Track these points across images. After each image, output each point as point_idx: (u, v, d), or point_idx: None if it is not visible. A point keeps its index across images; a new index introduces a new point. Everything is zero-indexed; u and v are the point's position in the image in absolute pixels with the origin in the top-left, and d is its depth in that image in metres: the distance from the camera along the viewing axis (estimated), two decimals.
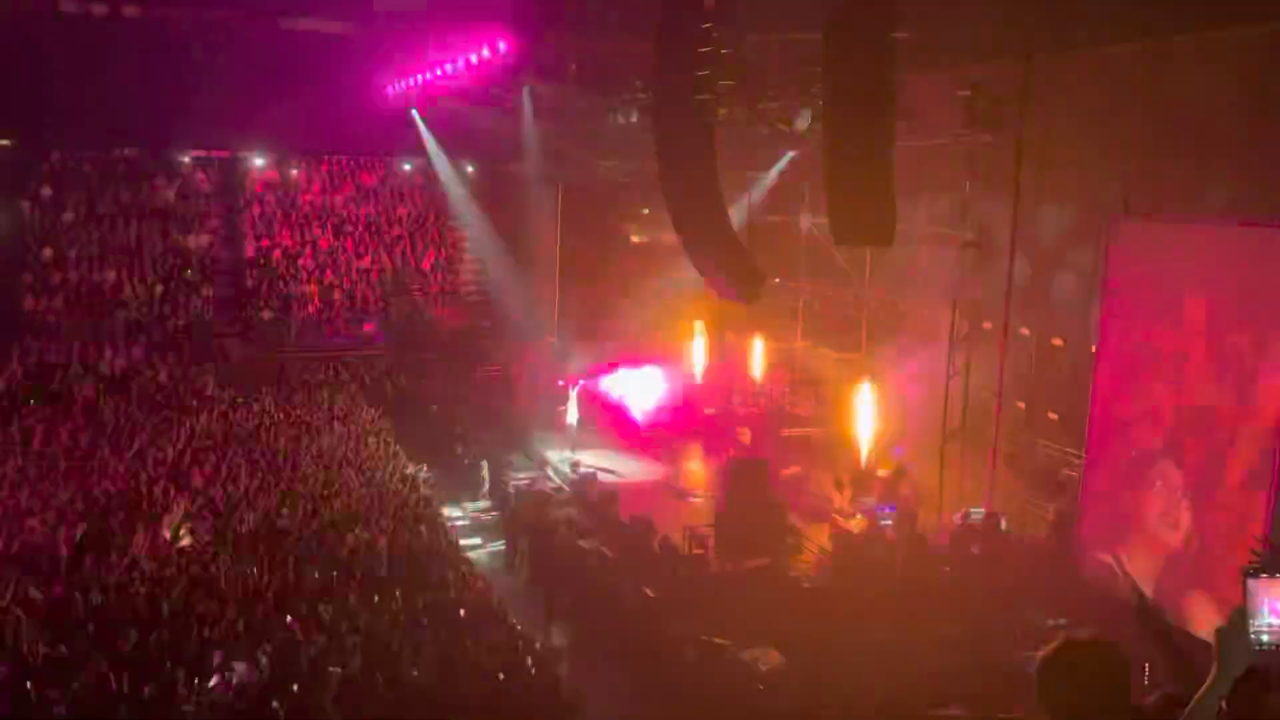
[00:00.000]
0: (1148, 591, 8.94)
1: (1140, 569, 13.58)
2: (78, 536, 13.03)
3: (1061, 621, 12.64)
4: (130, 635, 10.20)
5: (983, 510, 16.56)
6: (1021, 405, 17.97)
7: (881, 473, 17.82)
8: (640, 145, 24.79)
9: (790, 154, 21.98)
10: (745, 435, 21.53)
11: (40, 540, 13.00)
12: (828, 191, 13.48)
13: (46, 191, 28.91)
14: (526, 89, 22.79)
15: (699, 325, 25.58)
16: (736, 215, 19.57)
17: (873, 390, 19.28)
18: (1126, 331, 14.38)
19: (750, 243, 17.62)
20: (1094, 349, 15.25)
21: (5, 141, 29.27)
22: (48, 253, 27.13)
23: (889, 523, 16.01)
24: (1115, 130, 14.86)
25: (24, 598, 11.05)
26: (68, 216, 28.40)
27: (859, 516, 16.56)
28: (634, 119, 22.52)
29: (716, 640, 13.25)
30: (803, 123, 18.63)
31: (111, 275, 27.10)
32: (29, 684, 9.01)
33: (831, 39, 12.69)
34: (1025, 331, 17.68)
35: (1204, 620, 11.54)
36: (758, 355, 24.15)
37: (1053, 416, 17.51)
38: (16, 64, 24.03)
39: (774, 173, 23.15)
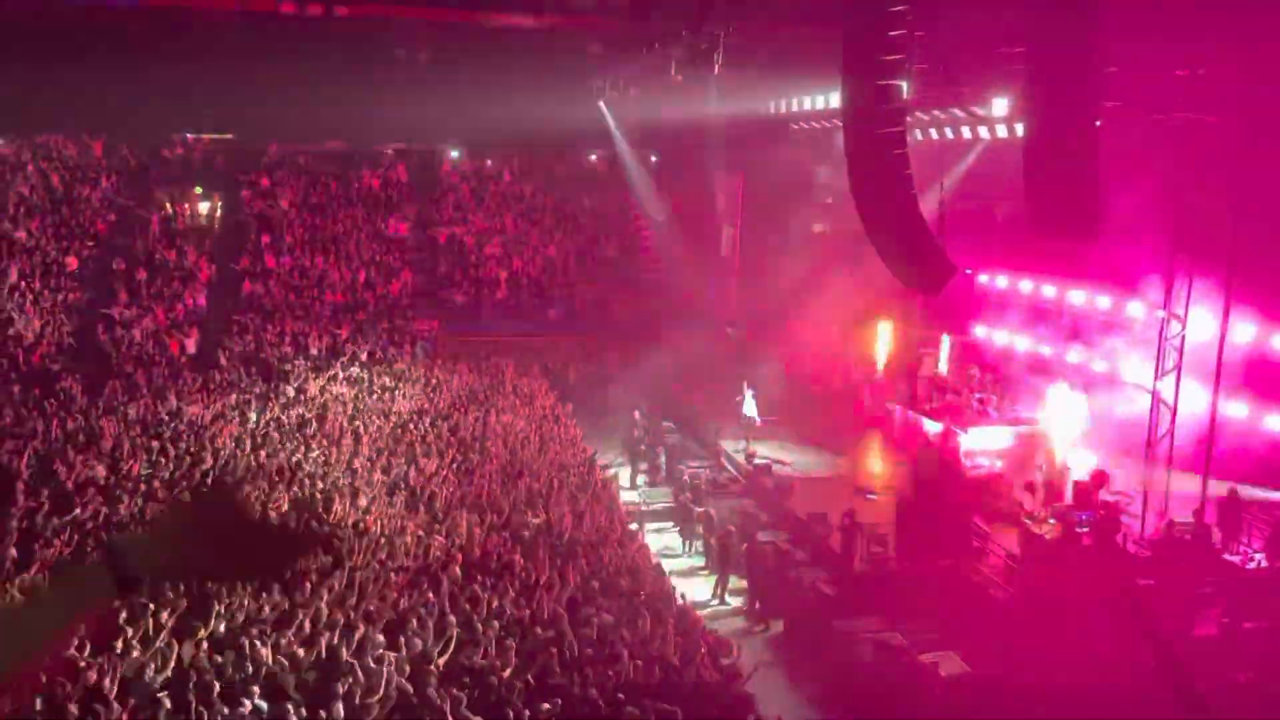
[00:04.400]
0: None
1: None
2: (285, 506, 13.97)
3: None
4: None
5: (1191, 520, 15.41)
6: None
7: (1078, 476, 16.80)
8: (826, 132, 24.41)
9: (986, 139, 21.00)
10: (931, 432, 20.77)
11: None
12: (1027, 179, 12.77)
13: (264, 182, 31.18)
14: (713, 78, 22.72)
15: (882, 317, 24.86)
16: (927, 203, 18.90)
17: (1069, 390, 18.25)
18: None
19: (941, 231, 16.93)
20: None
21: (227, 135, 31.76)
22: (265, 239, 29.24)
23: (1086, 529, 15.08)
24: None
25: None
26: (282, 205, 30.54)
27: (1052, 522, 15.66)
28: (819, 104, 22.12)
29: (894, 641, 12.90)
30: (1000, 107, 17.81)
31: (319, 260, 28.93)
32: None
33: (1034, 15, 12.00)
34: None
35: None
36: (945, 349, 23.28)
37: None
38: (237, 62, 25.96)
39: (969, 159, 22.20)
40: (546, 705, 9.10)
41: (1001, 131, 19.24)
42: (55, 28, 25.04)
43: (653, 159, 32.99)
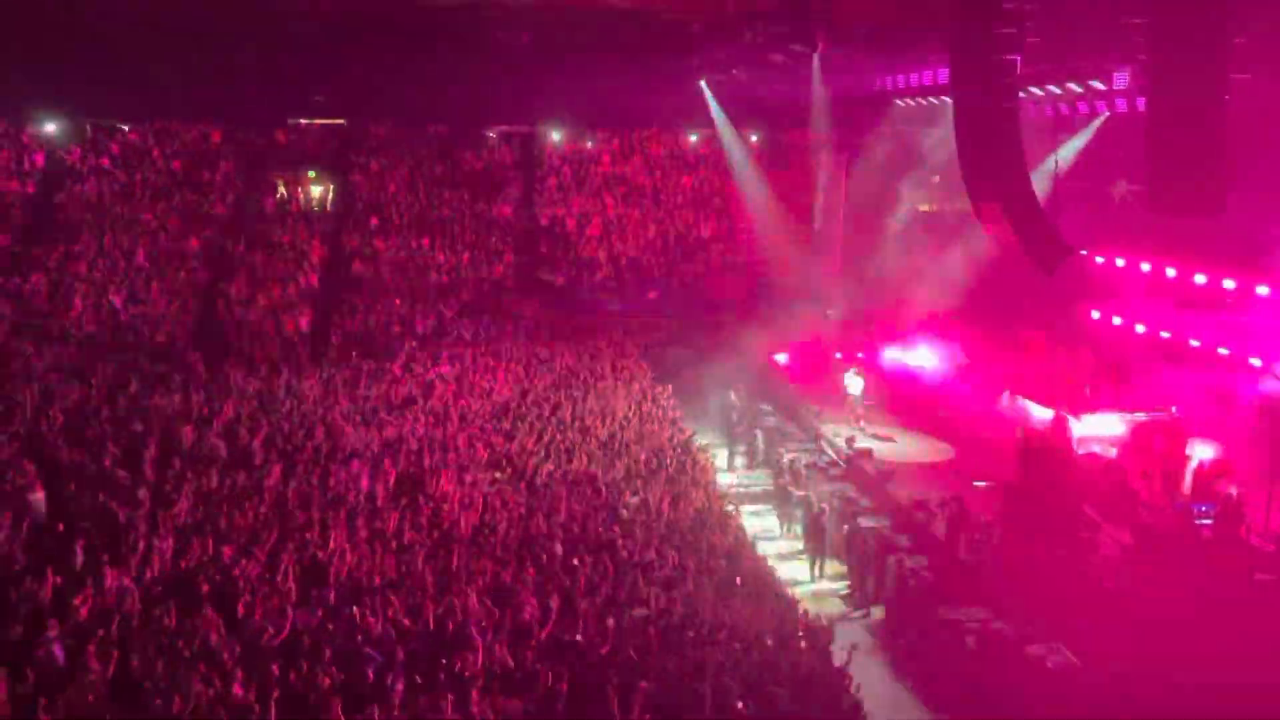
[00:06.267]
0: None
1: None
2: (391, 481, 14.39)
3: None
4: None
5: None
6: None
7: (1199, 465, 16.10)
8: (933, 109, 23.80)
9: (1104, 114, 20.17)
10: (1041, 419, 20.15)
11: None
12: (1148, 155, 12.24)
13: (373, 165, 31.98)
14: (816, 55, 22.35)
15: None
16: (1040, 180, 18.28)
17: (1187, 374, 17.49)
18: None
19: (1055, 210, 16.38)
20: None
21: (338, 120, 32.63)
22: (373, 221, 30.04)
23: (1207, 521, 14.44)
24: None
25: None
26: (390, 187, 31.29)
27: (1169, 512, 15.05)
28: (926, 80, 21.59)
29: (1000, 631, 12.60)
30: (1119, 80, 17.09)
31: (426, 242, 29.58)
32: None
33: None
34: None
35: None
36: (1056, 333, 22.53)
37: None
38: (347, 49, 26.61)
39: (1085, 134, 21.38)
40: (644, 684, 9.18)
41: (1121, 105, 18.47)
42: (178, 20, 26.09)
43: (753, 139, 32.68)
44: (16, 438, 14.26)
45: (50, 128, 29.86)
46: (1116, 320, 22.95)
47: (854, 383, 22.49)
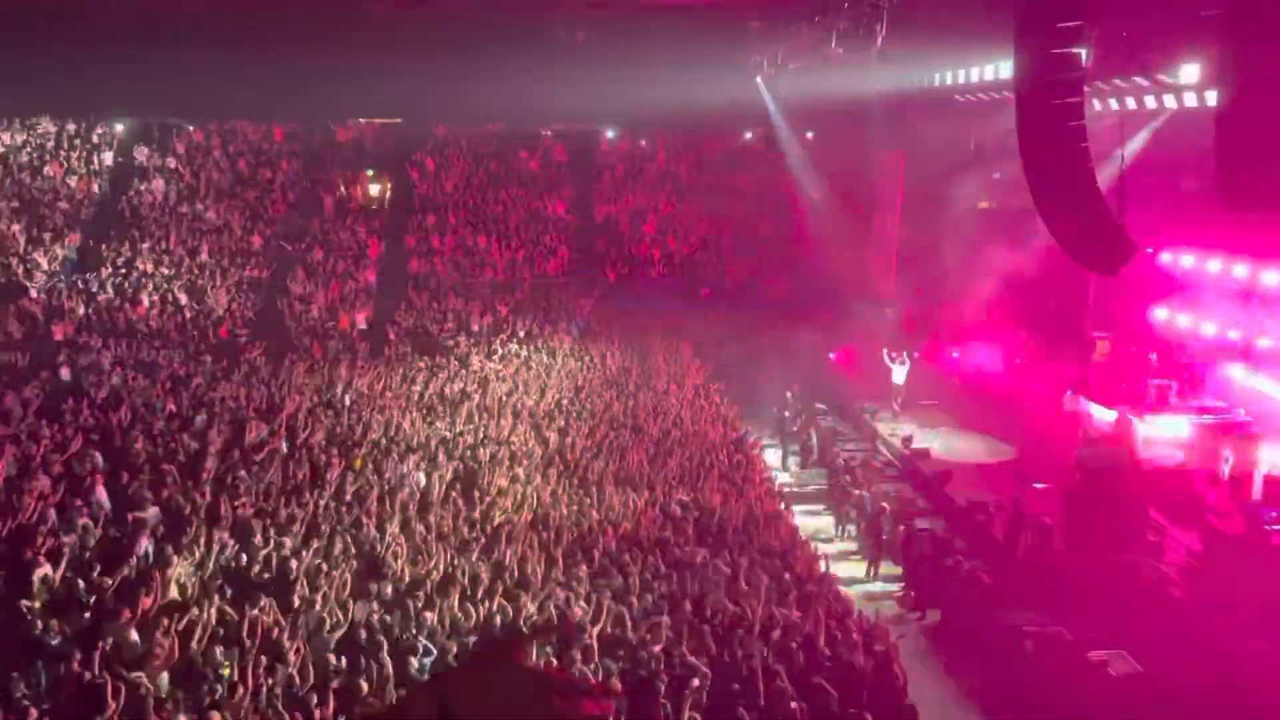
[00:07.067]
0: None
1: None
2: (447, 475, 14.52)
3: None
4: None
5: None
6: None
7: (1270, 470, 15.62)
8: (994, 104, 23.35)
9: (1172, 108, 19.62)
10: (1104, 420, 19.71)
11: None
12: (1218, 150, 11.86)
13: (429, 164, 32.33)
14: (874, 50, 22.08)
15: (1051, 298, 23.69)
16: (1105, 177, 17.85)
17: (1259, 376, 16.97)
18: None
19: (1120, 207, 15.96)
20: None
21: (396, 119, 33.05)
22: (430, 219, 30.36)
23: (1278, 528, 14.00)
24: None
25: None
26: (447, 185, 31.61)
27: (1237, 517, 14.62)
28: (987, 75, 21.18)
29: (1060, 636, 12.34)
30: (1189, 73, 16.61)
31: (482, 240, 29.83)
32: None
33: None
34: None
35: None
36: (1121, 333, 22.00)
37: None
38: (404, 49, 26.95)
39: (1152, 129, 20.83)
40: (696, 682, 9.14)
41: (1190, 100, 17.94)
42: (239, 22, 26.62)
43: (809, 136, 32.40)
44: (85, 430, 14.64)
45: (119, 128, 30.68)
46: (1184, 320, 22.35)
47: (898, 371, 22.39)
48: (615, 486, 14.66)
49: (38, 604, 9.24)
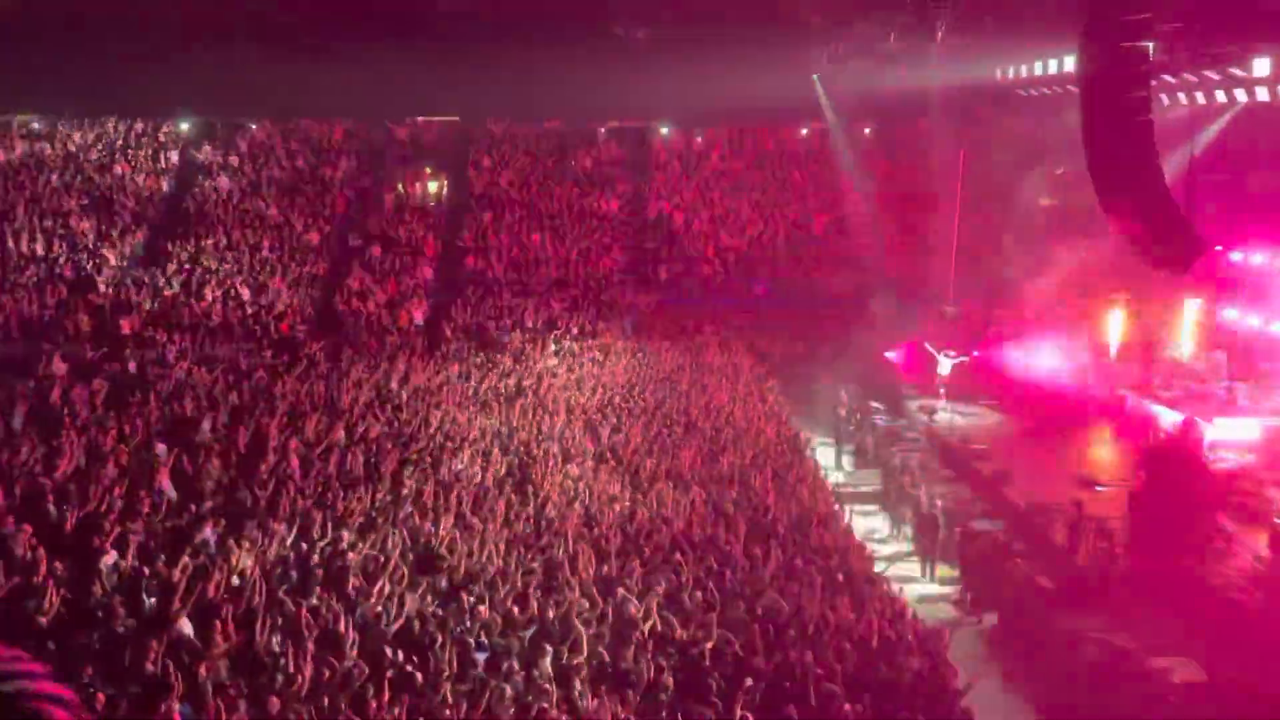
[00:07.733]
0: None
1: None
2: (501, 470, 14.63)
3: None
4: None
5: None
6: None
7: None
8: (1057, 98, 22.91)
9: (1242, 102, 19.08)
10: (1168, 422, 19.23)
11: None
12: None
13: (486, 161, 32.59)
14: (934, 45, 21.78)
15: (1117, 297, 23.14)
16: (1172, 173, 17.41)
17: None
18: None
19: (1188, 204, 15.56)
20: None
21: (454, 117, 33.37)
22: (487, 216, 30.60)
23: None
24: None
25: None
26: (503, 183, 31.84)
27: None
28: (1050, 69, 20.81)
29: (1122, 643, 12.07)
30: (1261, 67, 16.15)
31: (537, 237, 30.00)
32: None
33: None
34: None
35: None
36: (1187, 331, 21.45)
37: None
38: (462, 45, 27.20)
39: (1220, 125, 20.27)
40: (749, 681, 9.09)
41: (1262, 94, 17.43)
42: (303, 23, 27.10)
43: (866, 132, 32.06)
44: (150, 422, 15.01)
45: (184, 126, 31.40)
46: (1253, 320, 21.71)
47: (944, 364, 22.61)
48: (667, 484, 14.64)
49: (105, 590, 9.49)
